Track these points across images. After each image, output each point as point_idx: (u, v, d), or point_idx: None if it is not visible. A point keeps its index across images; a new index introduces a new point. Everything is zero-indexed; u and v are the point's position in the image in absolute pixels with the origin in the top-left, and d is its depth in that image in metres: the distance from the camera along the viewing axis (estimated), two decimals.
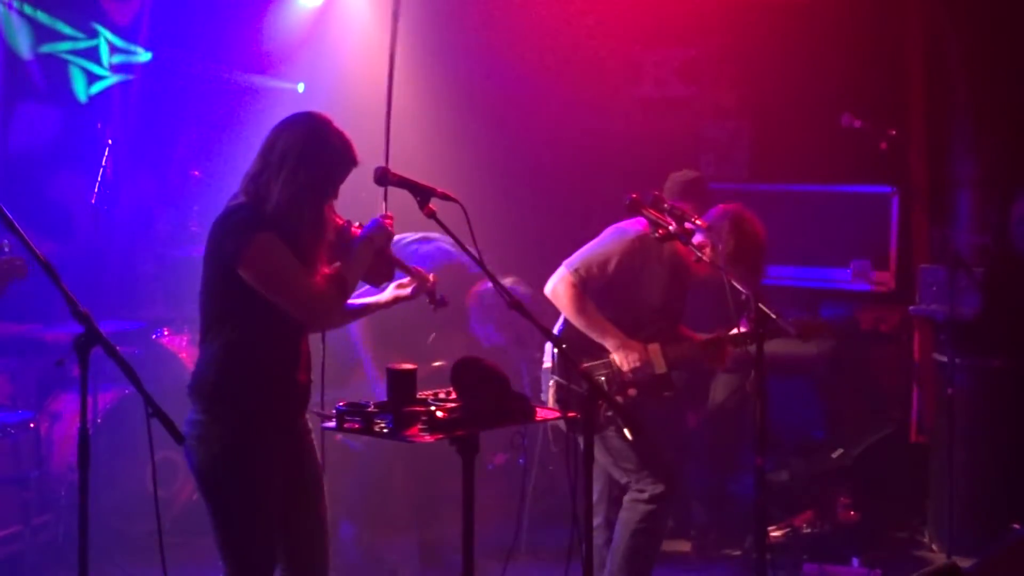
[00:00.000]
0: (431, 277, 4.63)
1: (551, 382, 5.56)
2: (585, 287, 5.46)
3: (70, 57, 7.80)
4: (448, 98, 8.59)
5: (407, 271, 4.61)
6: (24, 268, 4.86)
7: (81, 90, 7.88)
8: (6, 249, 4.84)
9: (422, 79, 8.37)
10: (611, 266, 5.49)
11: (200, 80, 8.27)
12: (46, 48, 7.69)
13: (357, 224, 4.48)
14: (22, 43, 7.51)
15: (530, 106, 8.76)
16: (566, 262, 5.56)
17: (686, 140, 8.83)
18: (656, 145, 8.62)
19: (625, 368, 5.48)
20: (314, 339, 4.44)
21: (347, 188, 4.35)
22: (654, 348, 5.59)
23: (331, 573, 4.47)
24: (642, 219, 5.50)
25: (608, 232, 5.67)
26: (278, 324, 4.20)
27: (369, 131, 4.54)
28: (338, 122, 4.30)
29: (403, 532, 7.00)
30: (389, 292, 4.64)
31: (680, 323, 5.81)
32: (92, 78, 7.95)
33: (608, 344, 5.48)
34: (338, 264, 4.34)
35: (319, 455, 4.46)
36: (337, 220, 4.43)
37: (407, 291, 4.61)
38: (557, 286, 5.52)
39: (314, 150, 4.19)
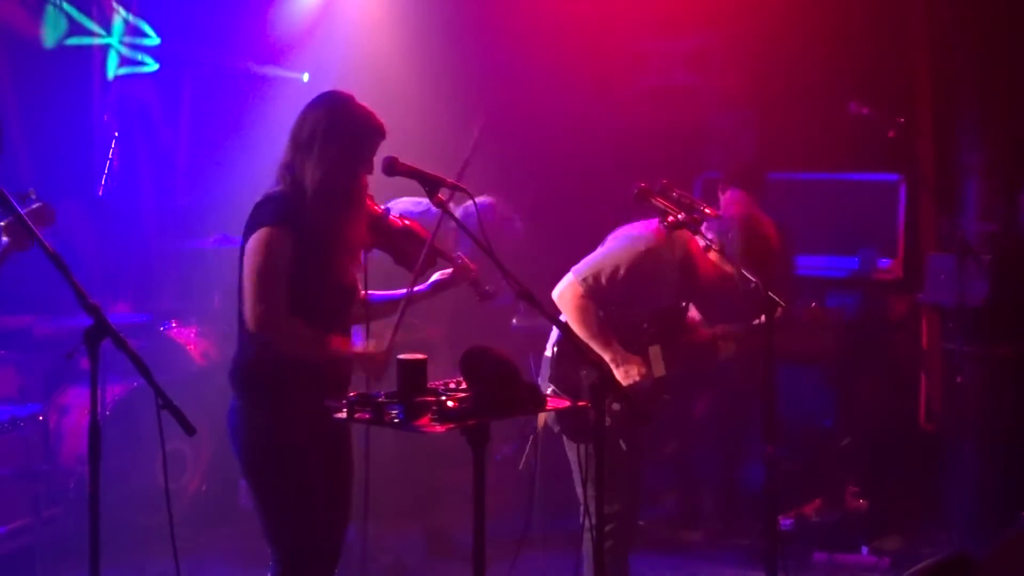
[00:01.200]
0: (473, 267, 4.64)
1: (549, 391, 5.46)
2: (593, 296, 5.39)
3: (103, 41, 7.81)
4: (451, 89, 8.57)
5: (450, 260, 4.63)
6: (53, 215, 4.86)
7: (112, 68, 7.88)
8: (32, 197, 4.84)
9: (425, 69, 8.36)
10: (620, 275, 5.39)
11: (207, 70, 8.26)
12: (73, 40, 7.71)
13: (397, 214, 4.51)
14: (53, 35, 7.53)
15: (534, 97, 8.73)
16: (574, 269, 5.47)
17: (692, 130, 8.79)
18: (662, 135, 8.59)
19: (625, 383, 5.41)
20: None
21: None
22: (655, 351, 5.54)
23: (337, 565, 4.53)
24: (653, 223, 5.45)
25: (619, 238, 5.55)
26: (311, 309, 4.25)
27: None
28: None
29: (406, 521, 6.99)
30: (431, 283, 4.69)
31: (683, 321, 5.75)
32: (124, 61, 7.95)
33: (607, 357, 5.40)
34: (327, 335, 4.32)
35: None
36: (374, 208, 4.47)
37: (447, 276, 4.67)
38: (564, 293, 5.44)
39: (340, 124, 4.26)
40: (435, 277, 4.72)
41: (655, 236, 5.42)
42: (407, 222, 4.74)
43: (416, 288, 4.66)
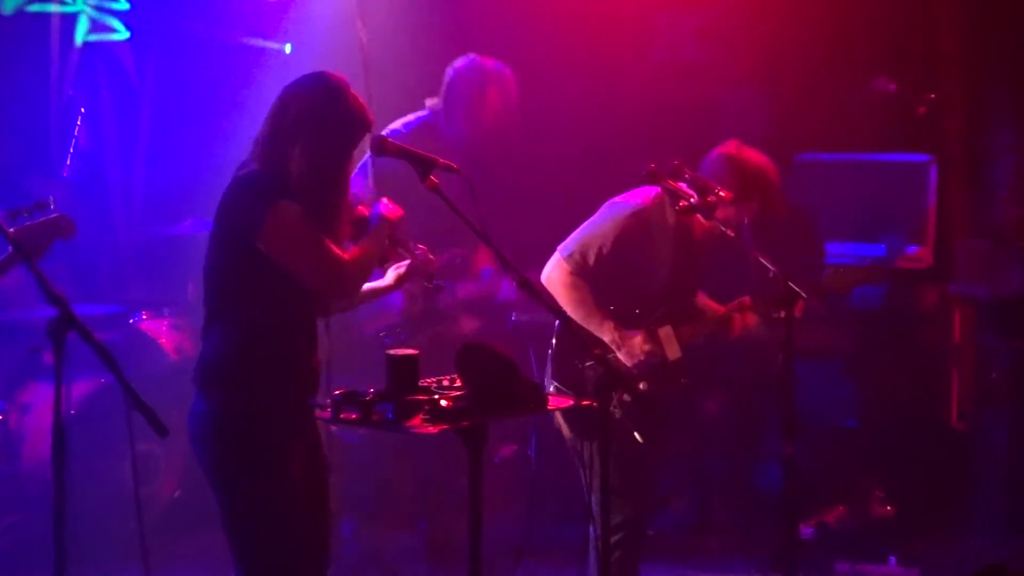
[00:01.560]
0: (433, 258, 4.62)
1: (551, 389, 5.44)
2: (582, 273, 5.36)
3: (70, 8, 7.77)
4: (444, 64, 8.54)
5: (408, 251, 4.60)
6: (72, 227, 4.85)
7: (80, 34, 7.83)
8: (52, 207, 4.83)
9: (416, 42, 8.31)
10: (608, 247, 5.36)
11: (182, 41, 8.22)
12: (35, 8, 7.67)
13: (361, 204, 4.49)
14: (12, 1, 7.49)
15: (534, 73, 8.68)
16: (560, 247, 5.46)
17: (702, 108, 8.76)
18: (670, 114, 8.57)
19: (629, 363, 5.39)
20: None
21: None
22: (666, 332, 5.50)
23: (329, 571, 4.48)
24: (641, 191, 5.44)
25: (603, 209, 5.55)
26: (296, 304, 4.24)
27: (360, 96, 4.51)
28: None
29: (406, 527, 6.98)
30: (391, 276, 4.66)
31: (696, 295, 5.72)
32: (94, 27, 7.89)
33: (605, 338, 5.37)
34: (354, 248, 4.36)
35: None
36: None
37: (404, 268, 4.65)
38: (552, 273, 5.42)
39: (333, 113, 4.22)
40: (393, 271, 4.69)
41: (644, 202, 5.40)
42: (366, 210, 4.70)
43: (380, 284, 4.66)
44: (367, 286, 4.62)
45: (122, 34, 8.04)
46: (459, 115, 6.71)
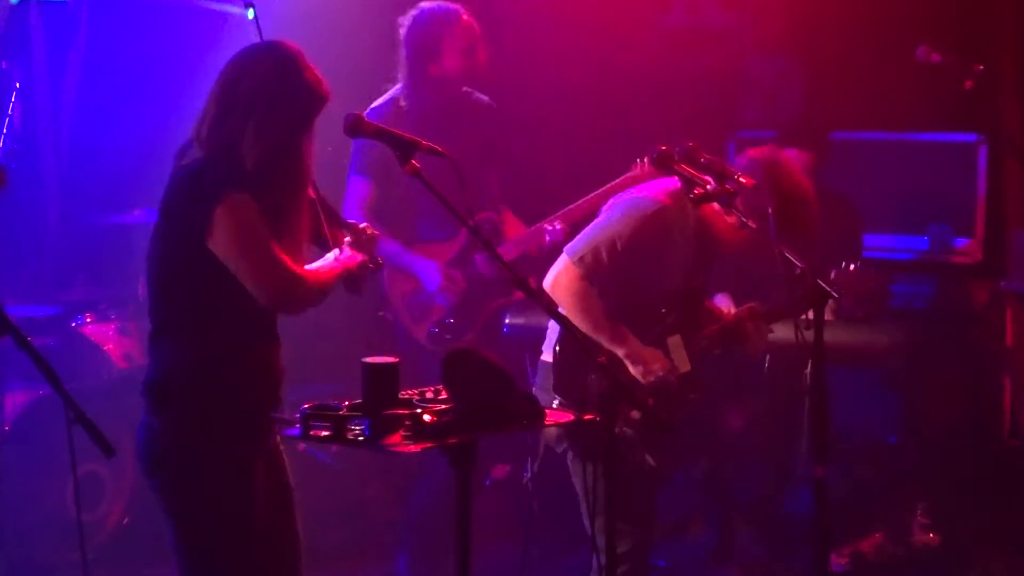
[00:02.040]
0: (375, 234, 4.70)
1: (554, 404, 5.46)
2: (592, 278, 5.37)
3: None
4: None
5: (349, 228, 4.65)
6: (4, 176, 4.86)
7: None
8: None
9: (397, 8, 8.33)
10: (622, 247, 5.38)
11: (131, 6, 8.21)
12: None
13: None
14: None
15: (537, 39, 8.72)
16: (568, 248, 5.46)
17: (726, 80, 8.79)
18: (687, 87, 8.59)
19: (645, 382, 5.42)
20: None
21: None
22: (675, 341, 5.53)
23: None
24: (658, 185, 5.45)
25: (618, 206, 5.56)
26: (253, 308, 4.25)
27: (330, 69, 4.53)
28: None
29: (384, 560, 7.01)
30: (330, 256, 4.67)
31: (704, 301, 5.75)
32: None
33: (620, 352, 5.39)
34: (318, 267, 4.40)
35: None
36: None
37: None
38: (559, 278, 5.42)
39: (287, 90, 4.25)
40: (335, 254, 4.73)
41: (662, 197, 5.42)
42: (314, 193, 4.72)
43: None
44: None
45: None
46: (421, 74, 6.73)
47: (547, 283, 5.43)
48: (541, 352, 5.61)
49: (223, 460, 4.22)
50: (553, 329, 5.57)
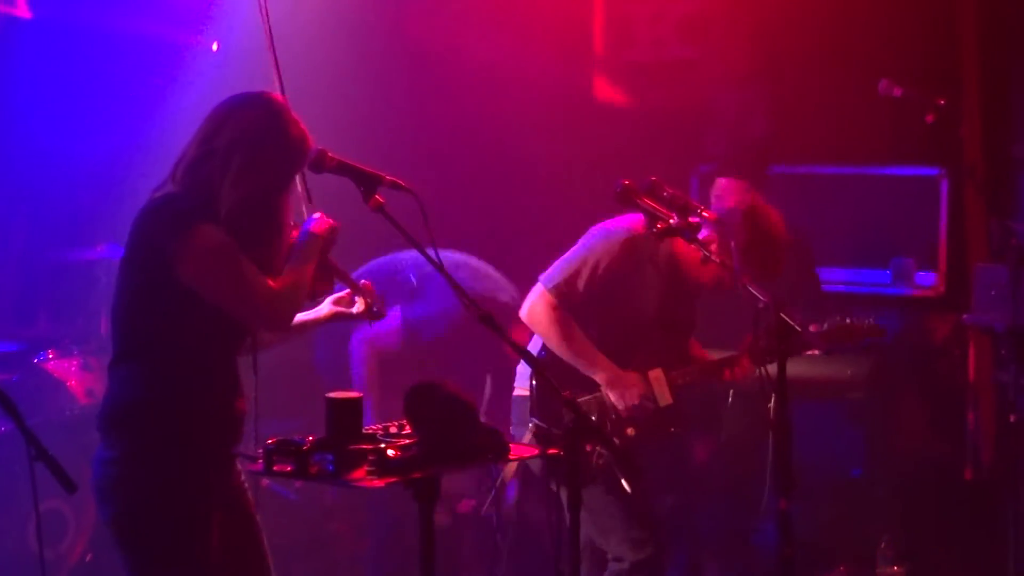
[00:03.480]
0: (372, 288, 4.69)
1: (530, 425, 5.51)
2: (568, 306, 5.43)
3: None
4: (395, 64, 8.58)
5: (348, 282, 4.66)
6: None
7: None
8: None
9: (362, 37, 8.36)
10: (596, 275, 5.44)
11: (93, 34, 8.19)
12: None
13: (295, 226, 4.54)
14: None
15: (498, 73, 8.75)
16: (543, 277, 5.52)
17: (689, 113, 8.83)
18: (653, 119, 8.63)
19: (620, 407, 5.46)
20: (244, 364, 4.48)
21: None
22: (656, 375, 5.58)
23: None
24: (630, 216, 5.51)
25: (590, 235, 5.64)
26: (216, 341, 4.28)
27: (296, 104, 4.55)
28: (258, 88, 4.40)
29: None
30: (326, 307, 4.71)
31: (690, 339, 5.81)
32: None
33: (598, 378, 5.44)
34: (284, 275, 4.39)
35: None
36: None
37: (353, 308, 4.73)
38: (535, 307, 5.48)
39: (270, 143, 4.27)
40: (330, 302, 4.75)
41: (632, 227, 5.49)
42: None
43: (311, 316, 4.72)
44: (299, 317, 4.66)
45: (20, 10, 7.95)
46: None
47: (523, 312, 5.49)
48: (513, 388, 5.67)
49: (173, 493, 4.21)
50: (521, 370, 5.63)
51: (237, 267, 4.19)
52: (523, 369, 5.67)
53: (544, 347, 5.62)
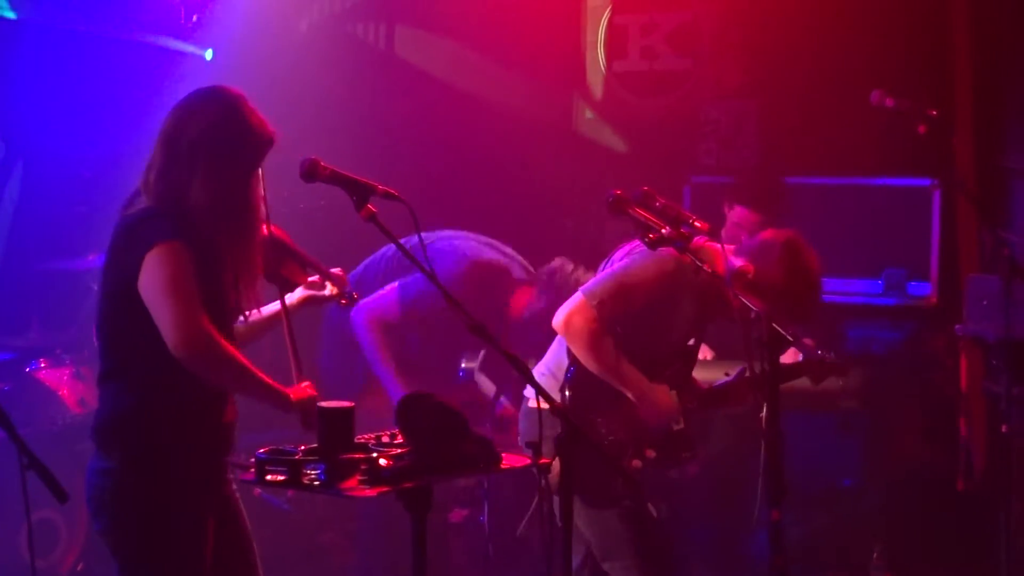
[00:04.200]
0: (344, 276, 4.82)
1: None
2: (608, 322, 5.41)
3: None
4: (385, 76, 8.59)
5: (319, 270, 4.71)
6: None
7: None
8: None
9: (351, 51, 8.37)
10: (641, 294, 5.43)
11: (85, 42, 8.18)
12: None
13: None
14: None
15: (489, 84, 8.76)
16: (584, 289, 5.48)
17: (681, 124, 8.84)
18: (644, 131, 8.64)
19: (653, 423, 5.47)
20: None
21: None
22: (673, 396, 5.61)
23: None
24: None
25: (642, 256, 5.58)
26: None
27: (289, 113, 4.57)
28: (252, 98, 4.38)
29: None
30: (298, 292, 4.79)
31: (695, 362, 5.82)
32: None
33: (630, 393, 5.44)
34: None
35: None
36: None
37: (324, 291, 4.81)
38: (573, 319, 5.44)
39: (232, 135, 4.28)
40: (302, 288, 4.80)
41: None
42: (274, 230, 4.74)
43: (278, 306, 4.75)
44: (273, 307, 4.70)
45: (8, 13, 7.92)
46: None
47: (558, 320, 5.46)
48: (524, 399, 5.67)
49: (166, 504, 4.23)
50: (545, 376, 5.61)
51: (175, 284, 4.14)
52: (541, 380, 5.62)
53: (573, 361, 5.56)
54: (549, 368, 5.66)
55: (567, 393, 5.46)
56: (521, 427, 5.69)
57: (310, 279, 4.82)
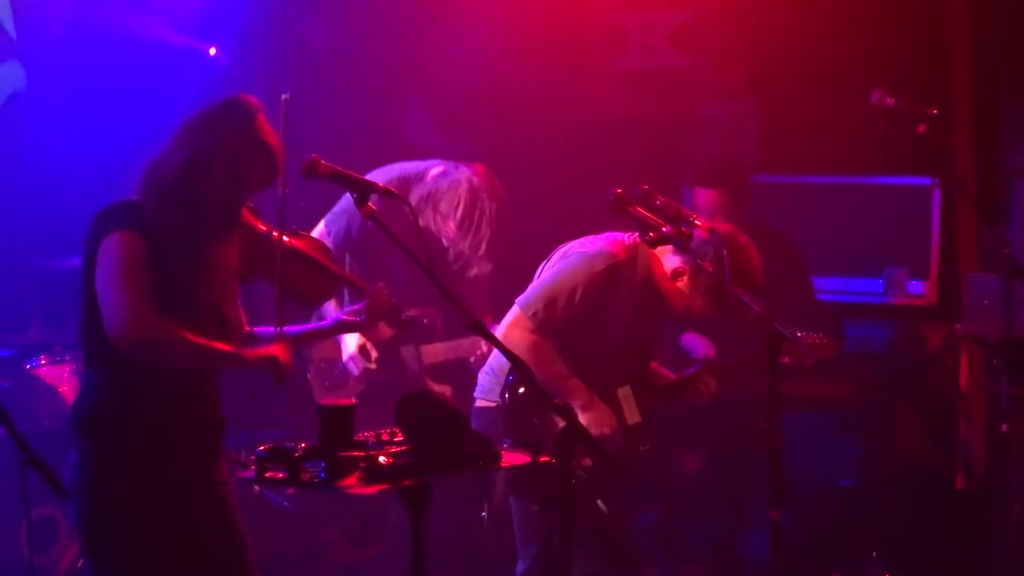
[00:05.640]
0: (385, 291, 4.68)
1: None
2: (546, 331, 5.42)
3: None
4: (392, 74, 8.58)
5: (357, 288, 4.67)
6: None
7: None
8: None
9: (359, 50, 8.36)
10: (576, 300, 5.43)
11: (89, 40, 8.18)
12: None
13: (288, 231, 4.52)
14: None
15: (494, 82, 8.75)
16: (520, 301, 5.50)
17: (681, 122, 8.84)
18: (645, 129, 8.63)
19: (595, 432, 5.45)
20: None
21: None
22: (625, 392, 5.59)
23: None
24: (607, 237, 5.51)
25: (570, 257, 5.60)
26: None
27: (294, 112, 4.55)
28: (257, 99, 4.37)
29: None
30: (331, 316, 4.74)
31: (652, 360, 5.83)
32: None
33: (574, 403, 5.43)
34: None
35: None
36: (258, 226, 4.48)
37: (358, 317, 4.72)
38: (511, 332, 5.45)
39: (232, 134, 4.26)
40: (337, 314, 4.77)
41: (614, 252, 5.48)
42: (299, 242, 4.69)
43: (314, 328, 4.73)
44: (295, 329, 4.66)
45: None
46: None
47: (499, 335, 5.45)
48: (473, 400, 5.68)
49: (127, 498, 4.21)
50: (489, 375, 5.62)
51: (118, 273, 4.14)
52: (485, 379, 5.66)
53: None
54: (492, 368, 5.68)
55: (507, 396, 5.48)
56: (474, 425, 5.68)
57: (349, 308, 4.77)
